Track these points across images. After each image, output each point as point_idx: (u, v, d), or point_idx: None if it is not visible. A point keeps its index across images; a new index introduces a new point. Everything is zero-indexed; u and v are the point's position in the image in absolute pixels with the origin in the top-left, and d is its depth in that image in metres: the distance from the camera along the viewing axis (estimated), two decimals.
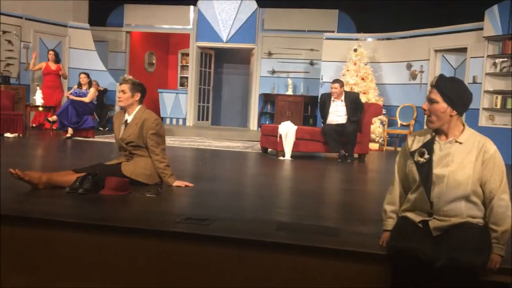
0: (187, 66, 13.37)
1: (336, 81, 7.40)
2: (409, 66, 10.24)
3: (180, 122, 12.80)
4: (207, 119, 13.34)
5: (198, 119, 12.95)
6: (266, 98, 12.25)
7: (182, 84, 14.19)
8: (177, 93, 13.01)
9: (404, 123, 9.90)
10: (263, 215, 3.31)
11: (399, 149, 8.84)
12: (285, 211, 3.70)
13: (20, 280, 2.79)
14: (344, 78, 10.00)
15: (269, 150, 7.72)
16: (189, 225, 2.76)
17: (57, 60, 10.12)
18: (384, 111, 9.56)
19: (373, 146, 9.33)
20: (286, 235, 2.69)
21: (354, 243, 2.61)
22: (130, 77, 4.04)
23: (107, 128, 11.11)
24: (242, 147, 8.61)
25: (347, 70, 10.19)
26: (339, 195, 4.61)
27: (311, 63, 11.99)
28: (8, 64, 10.25)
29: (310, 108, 11.86)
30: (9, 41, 10.28)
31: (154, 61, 13.95)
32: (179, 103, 12.77)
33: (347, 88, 9.52)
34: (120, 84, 4.01)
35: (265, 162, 6.92)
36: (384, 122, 9.89)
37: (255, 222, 3.00)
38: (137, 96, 4.02)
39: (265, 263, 2.57)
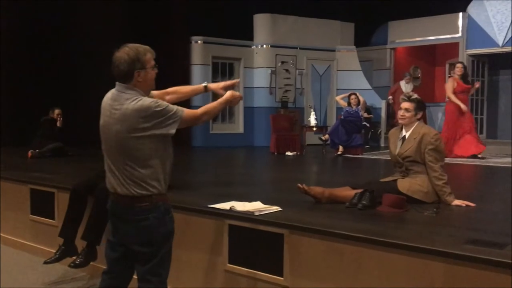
0: None
1: None
2: None
3: None
4: (481, 132, 12.13)
5: None
6: None
7: None
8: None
9: None
10: None
11: None
12: None
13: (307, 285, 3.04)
14: None
15: None
16: (478, 249, 2.52)
17: (465, 75, 8.04)
18: None
19: None
20: None
21: None
22: (416, 95, 3.97)
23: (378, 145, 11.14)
24: None
25: None
26: None
27: None
28: (286, 91, 11.54)
29: None
30: (287, 70, 11.57)
31: (419, 75, 13.55)
32: None
33: None
34: (404, 101, 3.93)
35: None
36: None
37: None
38: (419, 115, 3.94)
39: None
